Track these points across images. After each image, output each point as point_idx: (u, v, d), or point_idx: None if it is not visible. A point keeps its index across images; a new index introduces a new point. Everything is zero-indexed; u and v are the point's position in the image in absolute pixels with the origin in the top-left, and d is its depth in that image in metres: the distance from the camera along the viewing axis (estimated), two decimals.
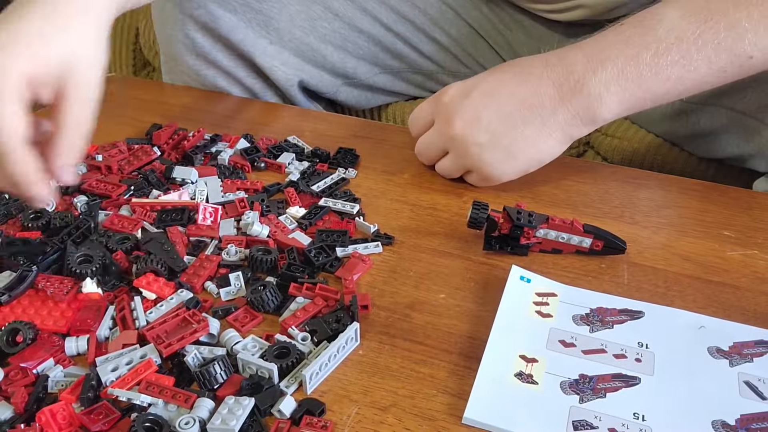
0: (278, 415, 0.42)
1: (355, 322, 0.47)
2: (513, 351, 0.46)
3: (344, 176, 0.66)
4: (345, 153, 0.70)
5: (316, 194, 0.63)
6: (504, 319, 0.49)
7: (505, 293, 0.51)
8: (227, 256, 0.55)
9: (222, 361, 0.44)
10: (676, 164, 0.80)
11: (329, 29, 0.83)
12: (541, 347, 0.47)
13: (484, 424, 0.42)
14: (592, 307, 0.50)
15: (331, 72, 0.86)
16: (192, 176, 0.64)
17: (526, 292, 0.51)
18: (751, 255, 0.57)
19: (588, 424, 0.41)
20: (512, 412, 0.42)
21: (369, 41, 0.86)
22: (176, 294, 0.50)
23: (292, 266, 0.53)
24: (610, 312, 0.50)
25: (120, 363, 0.44)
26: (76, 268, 0.50)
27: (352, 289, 0.52)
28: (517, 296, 0.51)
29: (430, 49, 0.88)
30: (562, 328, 0.48)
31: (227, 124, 0.77)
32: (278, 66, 0.82)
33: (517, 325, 0.48)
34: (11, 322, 0.47)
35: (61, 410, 0.41)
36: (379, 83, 0.90)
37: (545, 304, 0.50)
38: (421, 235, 0.59)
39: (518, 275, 0.52)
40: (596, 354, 0.46)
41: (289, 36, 0.81)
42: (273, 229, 0.58)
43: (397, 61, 0.89)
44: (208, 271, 0.53)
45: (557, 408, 0.42)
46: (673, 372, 0.45)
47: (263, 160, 0.68)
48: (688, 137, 0.78)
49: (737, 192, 0.66)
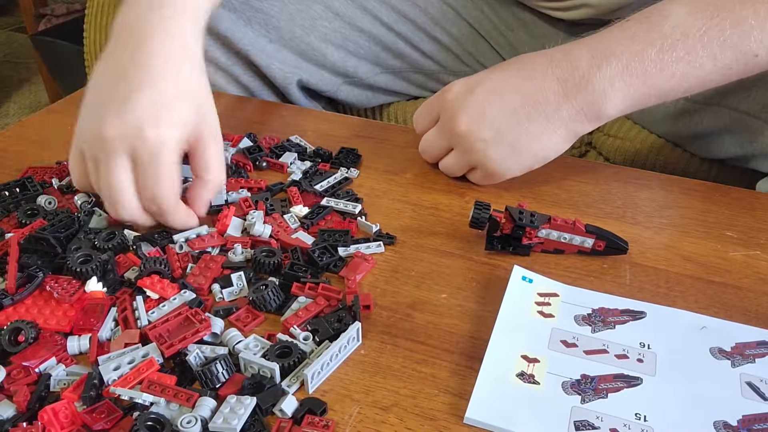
0: (280, 415, 0.42)
1: (357, 322, 0.47)
2: (515, 351, 0.46)
3: (347, 176, 0.66)
4: (347, 153, 0.70)
5: (319, 194, 0.63)
6: (506, 319, 0.49)
7: (507, 293, 0.51)
8: (234, 256, 0.55)
9: (224, 361, 0.44)
10: (678, 165, 0.80)
11: (330, 28, 0.83)
12: (543, 347, 0.47)
13: (485, 424, 0.42)
14: (594, 307, 0.50)
15: (331, 71, 0.86)
16: None
17: (527, 292, 0.51)
18: (753, 255, 0.57)
19: (590, 424, 0.41)
20: (513, 412, 0.42)
21: (370, 41, 0.86)
22: (179, 294, 0.50)
23: (295, 266, 0.53)
24: (612, 312, 0.50)
25: (122, 362, 0.44)
26: (78, 267, 0.50)
27: (354, 289, 0.52)
28: (518, 296, 0.51)
29: (431, 49, 0.88)
30: (563, 328, 0.48)
31: (229, 123, 0.77)
32: (276, 65, 0.82)
33: (519, 325, 0.48)
34: (13, 321, 0.47)
35: (63, 409, 0.41)
36: (380, 83, 0.90)
37: (547, 305, 0.50)
38: (423, 234, 0.59)
39: (520, 275, 0.52)
40: (598, 354, 0.46)
41: (289, 35, 0.81)
42: (276, 228, 0.58)
43: (398, 61, 0.89)
44: (214, 272, 0.53)
45: (559, 408, 0.42)
46: (675, 372, 0.45)
47: (265, 159, 0.68)
48: (690, 137, 0.78)
49: (740, 192, 0.65)
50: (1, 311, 0.49)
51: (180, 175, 0.55)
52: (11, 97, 2.41)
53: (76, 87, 0.87)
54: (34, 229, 0.55)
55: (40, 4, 2.18)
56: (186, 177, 0.59)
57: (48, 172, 0.66)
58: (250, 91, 0.85)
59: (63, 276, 0.51)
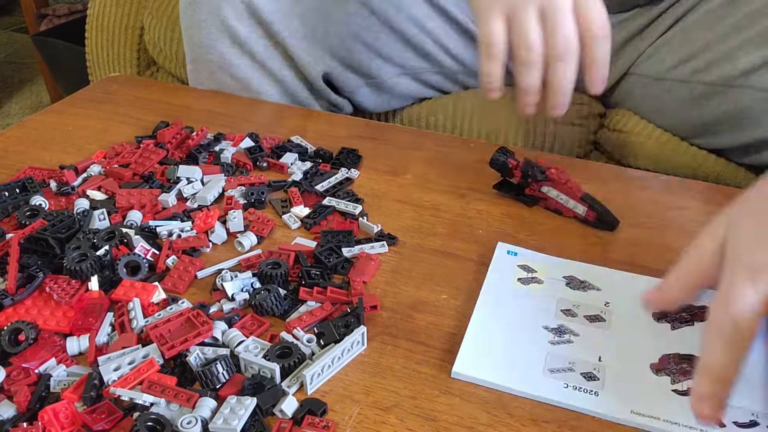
0: (280, 415, 0.42)
1: (362, 326, 0.47)
2: (499, 316, 0.50)
3: (348, 176, 0.66)
4: (348, 153, 0.70)
5: (320, 194, 0.63)
6: (490, 288, 0.52)
7: (492, 265, 0.55)
8: (226, 284, 0.51)
9: (224, 361, 0.44)
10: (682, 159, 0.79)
11: (363, 26, 0.82)
12: (525, 312, 0.50)
13: (471, 377, 0.45)
14: (573, 275, 0.54)
15: (356, 71, 0.85)
16: (196, 175, 0.64)
17: (511, 263, 0.55)
18: None
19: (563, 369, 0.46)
20: (496, 365, 0.46)
21: (399, 41, 0.85)
22: (176, 304, 0.50)
23: (309, 272, 0.53)
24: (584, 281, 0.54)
25: (122, 362, 0.44)
26: (74, 267, 0.50)
27: (360, 291, 0.52)
28: (503, 268, 0.55)
29: (457, 45, 0.87)
30: (545, 294, 0.52)
31: (230, 124, 0.77)
32: (307, 59, 0.81)
33: (503, 293, 0.52)
34: (13, 322, 0.47)
35: (63, 409, 0.41)
36: (398, 86, 0.89)
37: (531, 272, 0.54)
38: (424, 235, 0.59)
39: (505, 250, 0.56)
40: (570, 315, 0.51)
41: (323, 31, 0.81)
42: (255, 225, 0.58)
43: (420, 61, 0.87)
44: (191, 275, 0.53)
45: (536, 356, 0.47)
46: (623, 326, 0.50)
47: (266, 159, 0.68)
48: (701, 126, 0.76)
49: (741, 192, 0.65)
50: (1, 312, 0.49)
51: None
52: (12, 98, 2.41)
53: (78, 87, 0.87)
54: (35, 229, 0.55)
55: (41, 5, 2.18)
56: None
57: (47, 173, 0.66)
58: (284, 85, 0.83)
59: (62, 276, 0.51)
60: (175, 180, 0.64)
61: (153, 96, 0.84)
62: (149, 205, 0.60)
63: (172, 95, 0.84)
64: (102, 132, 0.75)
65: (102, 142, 0.73)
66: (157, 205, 0.61)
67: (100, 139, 0.74)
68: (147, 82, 0.94)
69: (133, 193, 0.61)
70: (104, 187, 0.63)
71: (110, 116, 0.79)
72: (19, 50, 2.68)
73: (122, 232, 0.56)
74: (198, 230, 0.57)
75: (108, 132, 0.75)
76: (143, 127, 0.76)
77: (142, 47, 1.21)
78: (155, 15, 1.11)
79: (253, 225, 0.59)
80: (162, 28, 1.09)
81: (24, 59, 2.60)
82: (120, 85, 0.87)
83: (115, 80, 0.88)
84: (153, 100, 0.83)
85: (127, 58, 1.23)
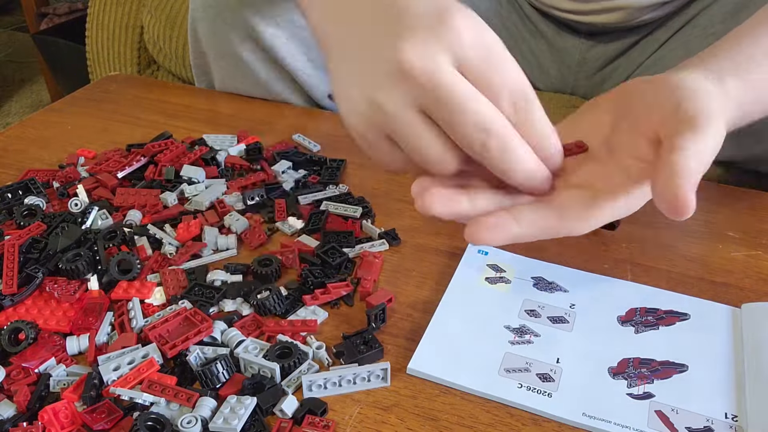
0: (280, 415, 0.42)
1: (386, 362, 0.44)
2: (462, 313, 0.50)
3: (335, 192, 0.64)
4: (330, 169, 0.67)
5: (303, 206, 0.62)
6: (456, 287, 0.52)
7: (461, 263, 0.54)
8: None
9: (224, 361, 0.44)
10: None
11: None
12: (488, 312, 0.50)
13: (426, 374, 0.45)
14: (541, 276, 0.54)
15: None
16: (199, 176, 0.64)
17: (481, 263, 0.55)
18: (755, 256, 0.57)
19: (520, 368, 0.46)
20: (453, 364, 0.46)
21: None
22: (176, 304, 0.50)
23: (313, 270, 0.53)
24: (552, 282, 0.54)
25: (122, 362, 0.44)
26: (68, 266, 0.50)
27: (368, 290, 0.52)
28: (472, 266, 0.54)
29: None
30: (510, 294, 0.52)
31: (233, 123, 0.77)
32: (307, 79, 0.80)
33: (468, 292, 0.52)
34: (13, 322, 0.47)
35: (63, 409, 0.41)
36: None
37: (499, 271, 0.54)
38: (424, 234, 0.59)
39: (476, 249, 0.56)
40: (533, 316, 0.51)
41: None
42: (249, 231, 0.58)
43: None
44: (182, 283, 0.52)
45: (493, 356, 0.47)
46: (585, 328, 0.49)
47: (261, 164, 0.67)
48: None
49: (742, 192, 0.65)
50: (1, 312, 0.49)
51: None
52: (13, 96, 2.41)
53: (78, 86, 0.87)
54: (32, 231, 0.55)
55: (41, 3, 2.18)
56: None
57: (46, 174, 0.65)
58: (308, 85, 0.81)
59: (61, 278, 0.51)
60: (175, 179, 0.64)
61: (152, 95, 0.83)
62: (149, 205, 0.60)
63: (171, 94, 0.84)
64: (102, 131, 0.75)
65: (102, 141, 0.72)
66: (158, 204, 0.61)
67: (99, 138, 0.73)
68: (147, 81, 0.94)
69: (133, 193, 0.61)
70: (96, 193, 0.62)
71: (110, 115, 0.79)
72: (19, 49, 2.68)
73: (124, 231, 0.56)
74: (180, 240, 0.56)
75: (108, 131, 0.75)
76: (143, 126, 0.75)
77: (143, 46, 1.21)
78: (154, 14, 1.11)
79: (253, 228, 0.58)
80: (161, 26, 1.09)
81: (24, 58, 2.61)
82: (119, 84, 0.87)
83: (115, 79, 0.88)
84: (153, 99, 0.83)
85: (128, 57, 1.24)
